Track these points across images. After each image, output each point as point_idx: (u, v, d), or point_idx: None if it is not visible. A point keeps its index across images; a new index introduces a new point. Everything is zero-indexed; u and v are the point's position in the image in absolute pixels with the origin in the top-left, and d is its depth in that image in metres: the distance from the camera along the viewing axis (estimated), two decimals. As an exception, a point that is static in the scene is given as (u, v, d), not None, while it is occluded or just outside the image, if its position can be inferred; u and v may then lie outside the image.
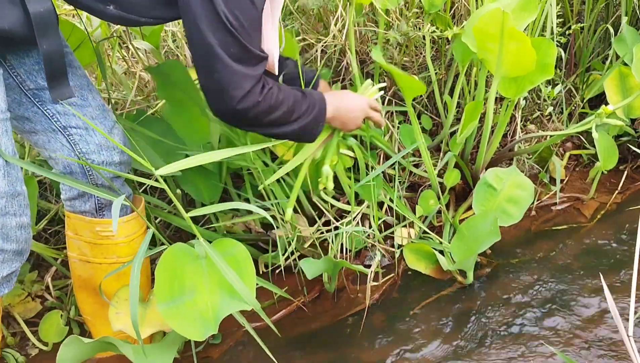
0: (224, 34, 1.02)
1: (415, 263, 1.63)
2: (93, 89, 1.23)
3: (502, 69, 1.46)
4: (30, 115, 1.15)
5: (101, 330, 1.37)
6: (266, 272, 1.64)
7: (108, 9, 1.06)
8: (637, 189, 1.95)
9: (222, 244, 1.20)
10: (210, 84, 1.09)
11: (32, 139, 1.19)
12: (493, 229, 1.49)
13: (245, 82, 1.08)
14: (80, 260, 1.32)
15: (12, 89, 1.12)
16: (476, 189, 1.65)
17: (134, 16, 1.08)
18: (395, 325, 1.50)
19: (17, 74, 1.11)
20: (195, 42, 1.05)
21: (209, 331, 1.11)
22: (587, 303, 1.51)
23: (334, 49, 1.85)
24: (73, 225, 1.29)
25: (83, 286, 1.35)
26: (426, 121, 1.93)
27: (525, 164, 1.95)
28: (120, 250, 1.30)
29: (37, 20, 0.98)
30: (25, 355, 1.47)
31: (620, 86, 1.88)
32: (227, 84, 1.06)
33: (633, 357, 0.83)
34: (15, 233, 1.05)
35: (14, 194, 1.04)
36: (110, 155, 1.22)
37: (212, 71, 1.06)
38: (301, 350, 1.45)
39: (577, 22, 2.11)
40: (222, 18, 1.00)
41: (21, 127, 1.18)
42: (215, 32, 1.01)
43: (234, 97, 1.08)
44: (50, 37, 1.01)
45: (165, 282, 1.12)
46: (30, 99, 1.13)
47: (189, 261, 1.16)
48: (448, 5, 1.86)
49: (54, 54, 1.03)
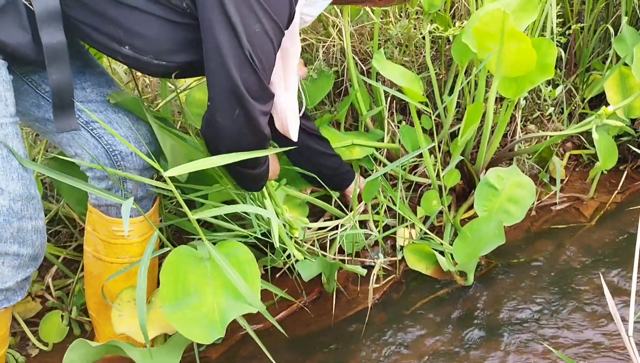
0: (248, 72, 1.04)
1: (416, 264, 1.63)
2: (113, 85, 1.23)
3: (502, 69, 1.46)
4: (50, 116, 1.15)
5: (105, 329, 1.37)
6: (265, 274, 1.63)
7: (123, 49, 1.06)
8: (637, 189, 1.95)
9: (226, 246, 1.19)
10: (228, 123, 1.08)
11: (55, 139, 1.20)
12: (497, 232, 1.49)
13: (262, 118, 1.11)
14: (94, 257, 1.31)
15: (29, 93, 1.12)
16: (477, 190, 1.65)
17: (147, 58, 1.07)
18: (396, 325, 1.50)
19: (31, 80, 1.11)
20: (216, 80, 1.05)
21: (215, 334, 1.10)
22: (587, 303, 1.51)
23: (332, 49, 1.85)
24: (92, 221, 1.29)
25: (92, 283, 1.35)
26: (426, 121, 1.93)
27: (525, 164, 1.95)
28: (133, 250, 1.29)
29: (49, 52, 0.99)
30: (25, 355, 1.47)
31: (621, 86, 1.88)
32: (247, 121, 1.09)
33: (633, 357, 0.83)
34: (32, 237, 1.05)
35: (29, 198, 1.04)
36: (138, 146, 1.21)
37: (232, 109, 1.07)
38: (301, 351, 1.45)
39: (577, 22, 2.11)
40: (247, 55, 1.03)
41: (44, 128, 1.18)
42: (241, 70, 1.03)
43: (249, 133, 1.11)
44: (60, 68, 1.01)
45: (169, 284, 1.11)
46: (49, 101, 1.13)
47: (192, 263, 1.15)
48: (448, 5, 1.87)
49: (63, 85, 1.02)
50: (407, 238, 1.66)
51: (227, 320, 1.11)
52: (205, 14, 1.01)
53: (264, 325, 1.50)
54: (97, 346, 1.13)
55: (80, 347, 1.13)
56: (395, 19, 1.92)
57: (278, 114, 1.23)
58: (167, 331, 1.28)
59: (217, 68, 1.04)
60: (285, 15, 1.08)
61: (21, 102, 1.13)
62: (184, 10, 1.04)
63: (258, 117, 1.10)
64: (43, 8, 0.98)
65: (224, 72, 1.03)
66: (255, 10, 1.01)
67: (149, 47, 1.06)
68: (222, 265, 1.11)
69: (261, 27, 1.03)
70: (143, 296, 1.05)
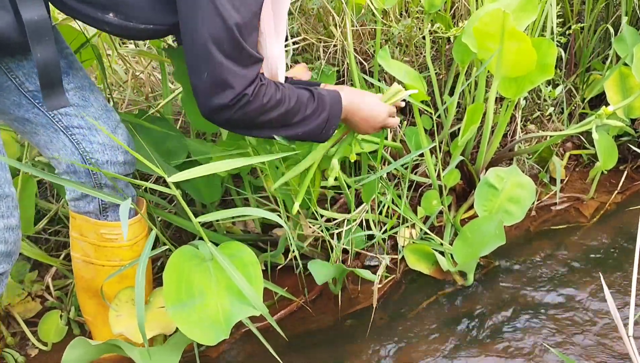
0: (218, 29, 0.99)
1: (416, 264, 1.63)
2: (95, 89, 1.22)
3: (502, 69, 1.46)
4: (30, 116, 1.14)
5: (102, 331, 1.37)
6: (265, 270, 1.63)
7: (107, 17, 1.04)
8: (637, 189, 1.95)
9: (229, 247, 1.19)
10: (199, 83, 1.04)
11: (33, 140, 1.19)
12: (498, 233, 1.49)
13: (235, 80, 1.03)
14: (84, 261, 1.31)
15: (11, 91, 1.11)
16: (478, 190, 1.65)
17: (132, 23, 1.06)
18: (396, 325, 1.50)
19: (15, 76, 1.10)
20: (188, 37, 1.02)
21: (220, 336, 1.09)
22: (587, 303, 1.51)
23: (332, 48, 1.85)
24: (78, 226, 1.29)
25: (85, 287, 1.35)
26: (426, 121, 1.93)
27: (526, 164, 1.95)
28: (123, 253, 1.30)
29: (31, 28, 0.96)
30: (25, 355, 1.47)
31: (621, 86, 1.88)
32: (217, 82, 1.02)
33: (633, 357, 0.83)
34: (4, 235, 1.05)
35: (2, 196, 1.03)
36: (114, 154, 1.21)
37: (202, 69, 1.02)
38: (301, 350, 1.45)
39: (577, 22, 2.11)
40: (219, 10, 0.98)
41: (22, 128, 1.17)
42: (210, 27, 0.99)
43: (222, 97, 1.04)
44: (45, 45, 0.99)
45: (173, 285, 1.11)
46: (30, 101, 1.12)
47: (195, 264, 1.15)
48: (448, 5, 1.87)
49: (49, 62, 1.00)
50: (407, 238, 1.66)
51: (231, 322, 1.11)
52: None
53: (264, 323, 1.50)
54: (97, 345, 1.13)
55: (80, 346, 1.13)
56: (396, 19, 1.92)
57: (269, 62, 1.17)
58: (165, 331, 1.29)
59: (185, 25, 1.01)
60: None
61: (2, 100, 1.12)
62: None
63: (230, 78, 1.02)
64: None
65: (191, 29, 1.00)
66: None
67: (132, 13, 1.04)
68: (227, 269, 1.11)
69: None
70: (142, 296, 1.05)
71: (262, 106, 1.09)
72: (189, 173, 1.06)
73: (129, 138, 1.27)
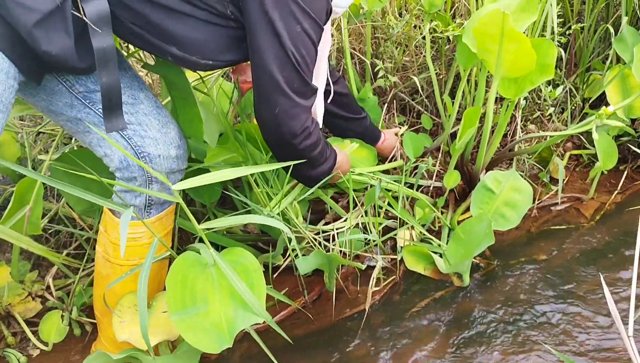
0: (290, 71, 1.14)
1: (414, 265, 1.63)
2: (145, 88, 1.25)
3: (502, 70, 1.46)
4: (83, 116, 1.17)
5: (108, 331, 1.37)
6: (266, 272, 1.63)
7: (172, 49, 1.12)
8: (637, 189, 1.95)
9: (232, 253, 1.18)
10: (270, 117, 1.19)
11: (86, 139, 1.22)
12: (488, 232, 1.48)
13: (303, 114, 1.20)
14: (103, 257, 1.31)
15: (63, 93, 1.14)
16: (474, 192, 1.65)
17: (194, 58, 1.14)
18: (395, 326, 1.50)
19: (65, 79, 1.13)
20: (261, 79, 1.15)
21: (224, 344, 1.09)
22: (587, 304, 1.51)
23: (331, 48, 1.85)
24: (105, 222, 1.29)
25: (101, 283, 1.35)
26: (426, 121, 1.93)
27: (526, 164, 1.95)
28: (143, 252, 1.29)
29: (99, 55, 1.03)
30: (26, 356, 1.47)
31: (621, 86, 1.88)
32: (288, 116, 1.18)
33: (633, 357, 0.83)
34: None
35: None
36: (166, 149, 1.23)
37: (275, 105, 1.17)
38: (301, 351, 1.45)
39: (577, 22, 2.11)
40: (289, 56, 1.12)
41: (75, 128, 1.20)
42: (282, 70, 1.13)
43: (292, 127, 1.20)
44: (110, 71, 1.05)
45: (176, 292, 1.11)
46: (82, 101, 1.16)
47: (199, 270, 1.14)
48: (448, 5, 1.87)
49: (113, 87, 1.06)
50: (407, 240, 1.66)
51: (235, 330, 1.11)
52: (251, 21, 1.10)
53: (264, 324, 1.50)
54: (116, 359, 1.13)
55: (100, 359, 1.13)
56: (396, 19, 1.92)
57: None
58: (170, 338, 1.28)
59: (261, 69, 1.14)
60: (324, 12, 1.18)
61: (55, 102, 1.15)
62: (227, 16, 1.11)
63: (299, 113, 1.19)
64: (94, 12, 1.01)
65: (267, 73, 1.13)
66: (296, 12, 1.10)
67: (196, 49, 1.13)
68: (231, 277, 1.11)
69: (302, 27, 1.12)
70: (144, 304, 1.05)
71: (315, 142, 1.28)
72: (192, 182, 1.07)
73: (180, 133, 1.28)
